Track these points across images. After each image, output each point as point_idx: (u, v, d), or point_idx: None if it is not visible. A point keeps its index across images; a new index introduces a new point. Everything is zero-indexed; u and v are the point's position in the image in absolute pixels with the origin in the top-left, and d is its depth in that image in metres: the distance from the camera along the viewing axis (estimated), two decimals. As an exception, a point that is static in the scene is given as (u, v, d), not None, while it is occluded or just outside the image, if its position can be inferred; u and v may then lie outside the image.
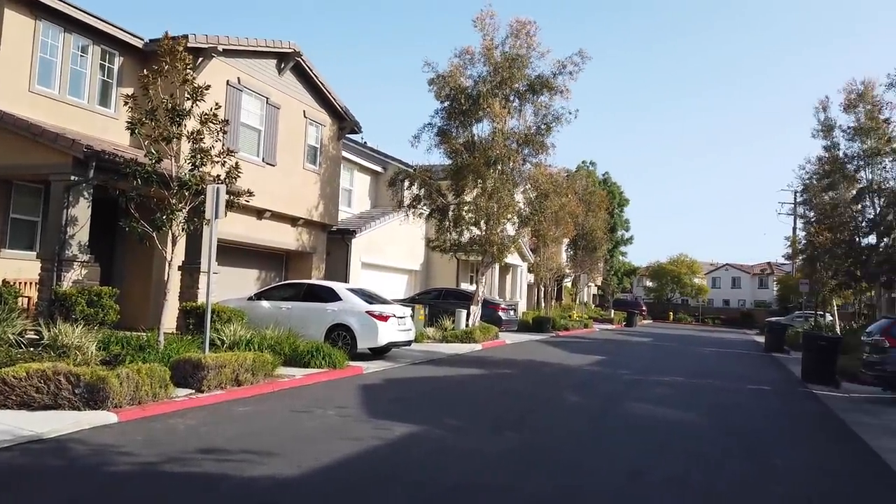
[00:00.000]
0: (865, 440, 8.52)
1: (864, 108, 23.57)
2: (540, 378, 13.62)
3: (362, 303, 13.93)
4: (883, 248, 22.97)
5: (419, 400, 10.04)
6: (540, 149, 20.79)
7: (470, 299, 21.87)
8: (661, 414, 9.96)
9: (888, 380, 11.82)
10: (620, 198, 57.90)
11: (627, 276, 66.15)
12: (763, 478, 6.47)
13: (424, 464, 6.19)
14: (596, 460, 6.78)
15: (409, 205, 21.26)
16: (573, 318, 33.75)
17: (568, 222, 31.12)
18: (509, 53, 20.20)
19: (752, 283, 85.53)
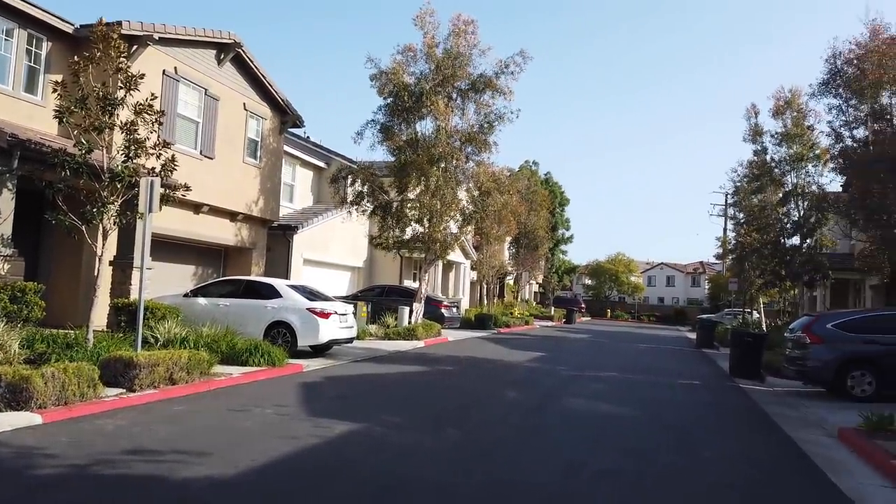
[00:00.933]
0: (786, 431, 8.98)
1: (790, 115, 24.73)
2: (481, 374, 13.76)
3: (303, 300, 13.75)
4: (806, 249, 24.18)
5: (360, 397, 10.00)
6: (483, 147, 20.96)
7: (413, 296, 21.88)
8: (597, 409, 10.22)
9: (808, 374, 12.44)
10: (562, 197, 58.95)
11: (568, 274, 67.46)
12: (692, 468, 6.74)
13: (364, 461, 6.18)
14: (534, 455, 6.91)
15: (353, 201, 21.10)
16: (515, 316, 34.22)
17: (510, 221, 31.52)
18: (451, 51, 20.29)
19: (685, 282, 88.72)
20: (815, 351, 12.07)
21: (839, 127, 17.67)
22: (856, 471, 6.88)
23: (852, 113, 17.28)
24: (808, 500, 5.96)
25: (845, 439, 8.29)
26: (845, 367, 11.68)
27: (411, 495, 5.31)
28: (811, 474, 6.75)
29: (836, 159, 19.25)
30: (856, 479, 6.53)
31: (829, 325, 12.39)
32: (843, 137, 17.65)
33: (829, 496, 5.97)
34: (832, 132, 18.15)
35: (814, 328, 12.46)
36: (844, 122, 17.49)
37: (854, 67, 16.78)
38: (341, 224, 23.41)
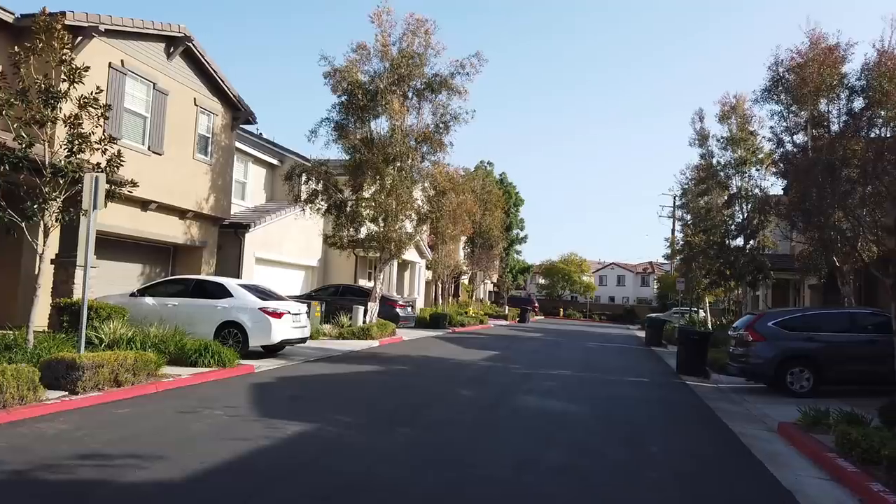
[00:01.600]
0: (729, 426, 9.31)
1: (735, 121, 25.58)
2: (435, 373, 13.81)
3: (255, 299, 13.55)
4: (749, 250, 25.04)
5: (313, 398, 9.92)
6: (438, 147, 21.02)
7: (368, 296, 21.79)
8: (548, 406, 10.39)
9: (751, 371, 12.90)
10: (516, 197, 59.49)
11: (522, 273, 68.15)
12: (639, 463, 6.93)
13: (316, 462, 6.15)
14: (486, 452, 6.99)
15: (307, 199, 20.88)
16: (469, 315, 34.41)
17: (466, 220, 31.72)
18: (407, 51, 20.28)
19: (635, 281, 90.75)
20: (756, 348, 12.53)
21: (781, 132, 18.38)
22: (793, 463, 7.19)
23: (793, 119, 17.99)
24: (748, 491, 6.19)
25: (784, 433, 8.64)
26: (785, 363, 12.16)
27: (364, 496, 5.31)
28: (752, 467, 7.01)
29: (777, 164, 20.00)
30: (793, 471, 6.81)
31: (770, 323, 12.87)
32: (784, 142, 18.36)
33: (768, 487, 6.21)
34: (774, 137, 18.86)
35: (756, 326, 12.93)
36: (785, 128, 18.20)
37: (795, 75, 17.45)
38: (295, 222, 23.12)
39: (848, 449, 6.92)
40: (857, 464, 6.57)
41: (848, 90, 16.51)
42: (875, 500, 5.61)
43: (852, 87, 16.36)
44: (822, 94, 16.82)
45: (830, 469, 6.73)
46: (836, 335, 12.29)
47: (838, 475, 6.50)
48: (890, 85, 14.85)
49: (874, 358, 11.03)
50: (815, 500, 5.77)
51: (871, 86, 15.42)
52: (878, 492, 5.66)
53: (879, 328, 11.76)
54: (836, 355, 11.97)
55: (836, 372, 12.01)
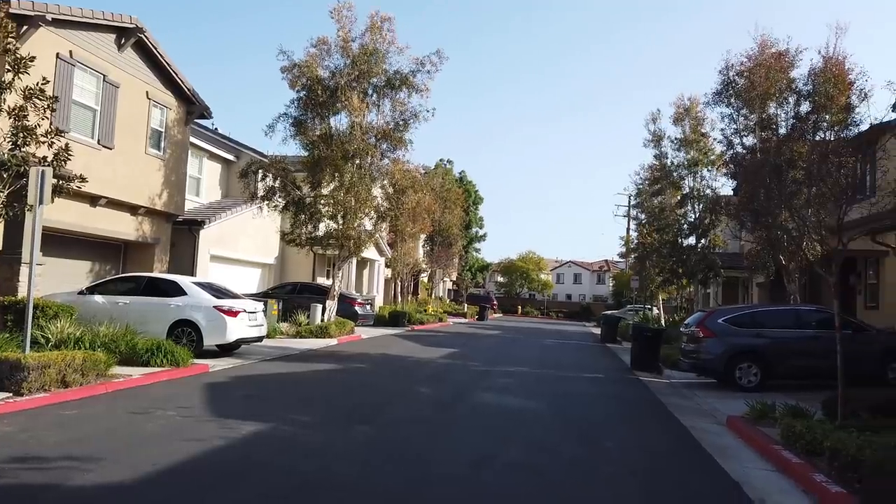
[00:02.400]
0: (681, 420, 9.55)
1: (688, 122, 26.21)
2: (394, 371, 13.79)
3: (210, 297, 13.30)
4: (700, 248, 25.71)
5: (269, 397, 9.80)
6: (398, 144, 20.96)
7: (326, 294, 21.61)
8: (506, 403, 10.49)
9: (702, 367, 13.26)
10: (475, 196, 59.79)
11: (481, 271, 68.53)
12: (595, 459, 7.05)
13: (272, 462, 6.08)
14: (445, 450, 7.02)
15: (264, 196, 20.57)
16: (428, 313, 34.45)
17: (425, 218, 31.76)
18: (368, 47, 20.16)
19: (591, 279, 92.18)
20: (707, 344, 12.88)
21: (731, 134, 18.83)
22: (741, 456, 7.41)
23: (742, 122, 18.45)
24: (698, 484, 6.36)
25: (733, 427, 8.91)
26: (734, 359, 12.53)
27: (322, 495, 5.27)
28: (702, 460, 7.21)
29: (727, 165, 20.53)
30: (741, 463, 7.03)
31: (720, 320, 13.25)
32: (734, 144, 18.83)
33: (717, 479, 6.40)
34: (725, 139, 19.32)
35: (706, 323, 13.29)
36: (735, 130, 18.66)
37: (745, 79, 17.93)
38: (252, 219, 22.75)
39: (793, 441, 7.18)
40: (801, 455, 6.81)
41: (795, 94, 17.03)
42: (817, 489, 5.83)
43: (799, 92, 16.88)
44: (770, 97, 17.31)
45: (776, 461, 6.97)
46: (783, 331, 12.72)
47: (783, 466, 6.73)
48: (834, 90, 15.42)
49: (818, 353, 11.42)
50: (761, 491, 5.96)
51: (816, 91, 15.97)
52: (821, 482, 5.89)
53: (823, 325, 12.20)
54: (782, 351, 12.39)
55: (783, 367, 12.43)
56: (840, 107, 15.03)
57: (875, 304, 18.48)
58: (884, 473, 4.99)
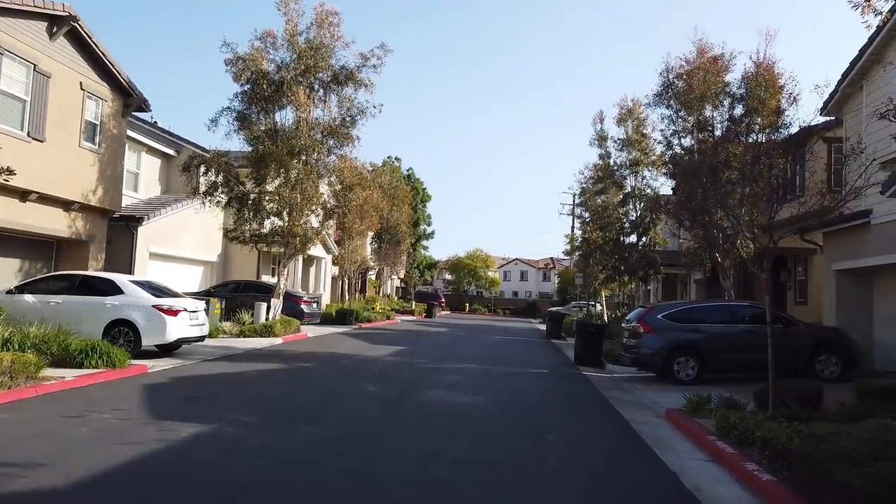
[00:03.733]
0: (621, 413, 9.82)
1: (631, 123, 26.88)
2: (340, 370, 13.68)
3: (148, 296, 12.91)
4: (641, 246, 26.43)
5: (211, 398, 9.58)
6: (345, 141, 20.74)
7: (271, 292, 21.24)
8: (453, 399, 10.55)
9: (642, 361, 13.65)
10: (424, 193, 59.85)
11: (429, 269, 68.64)
12: (540, 452, 7.18)
13: (214, 464, 5.95)
14: (391, 448, 7.01)
15: (206, 192, 20.05)
16: (376, 310, 34.28)
17: (373, 216, 31.59)
18: (314, 41, 19.89)
19: (537, 277, 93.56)
20: (647, 339, 13.26)
21: (670, 135, 19.45)
22: (679, 447, 7.67)
23: (681, 123, 19.08)
24: (638, 475, 6.55)
25: (671, 419, 9.21)
26: (673, 353, 12.94)
27: (265, 496, 5.19)
28: (641, 452, 7.43)
29: (667, 165, 21.19)
30: (678, 454, 7.28)
31: (660, 316, 13.66)
32: (673, 145, 19.47)
33: (656, 470, 6.61)
34: (664, 140, 19.95)
35: (646, 319, 13.68)
36: (674, 132, 19.29)
37: (683, 82, 18.54)
38: (193, 216, 22.15)
39: (727, 432, 7.47)
40: (734, 445, 7.10)
41: (730, 98, 17.71)
42: (749, 478, 6.09)
43: (734, 95, 17.56)
44: (707, 100, 17.95)
45: (711, 451, 7.24)
46: (718, 326, 13.21)
47: (718, 456, 7.00)
48: (766, 94, 16.10)
49: (751, 347, 11.88)
50: (696, 480, 6.19)
51: (749, 94, 16.64)
52: (753, 470, 6.15)
53: (756, 320, 12.73)
54: (717, 345, 12.87)
55: (718, 361, 12.91)
56: (771, 110, 15.71)
57: (804, 299, 19.40)
58: (810, 461, 5.24)
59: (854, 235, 14.20)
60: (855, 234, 14.16)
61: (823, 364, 12.75)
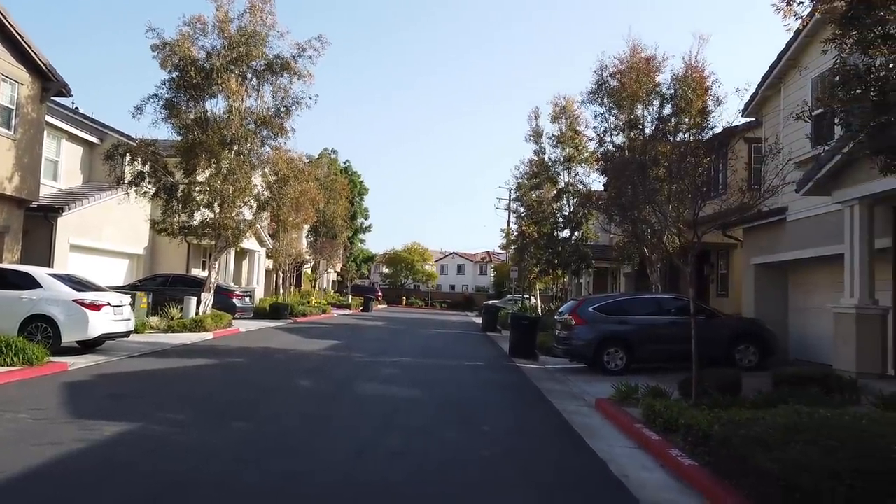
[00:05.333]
0: (553, 403, 10.06)
1: (565, 120, 27.40)
2: (273, 365, 13.45)
3: (69, 290, 12.32)
4: (574, 240, 27.05)
5: (137, 396, 9.24)
6: (279, 132, 20.33)
7: (201, 286, 20.63)
8: (389, 393, 10.54)
9: (574, 352, 14.01)
10: (361, 186, 59.33)
11: (366, 262, 68.17)
12: (473, 443, 7.27)
13: (140, 464, 5.75)
14: (325, 442, 6.96)
15: (131, 182, 19.26)
16: (312, 305, 33.81)
17: (309, 208, 31.10)
18: (246, 29, 19.36)
19: (474, 270, 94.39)
20: (578, 331, 13.62)
21: (602, 133, 19.95)
22: (607, 435, 7.92)
23: (613, 121, 19.60)
24: (569, 463, 6.73)
25: (601, 408, 9.50)
26: (603, 344, 13.34)
27: (193, 495, 5.06)
28: (572, 440, 7.64)
29: (599, 161, 21.74)
30: (607, 442, 7.52)
31: (591, 308, 14.05)
32: (605, 142, 19.98)
33: (586, 458, 6.81)
34: (597, 137, 20.44)
35: (578, 311, 14.05)
36: (606, 129, 19.80)
37: (617, 80, 19.04)
38: (118, 206, 21.24)
39: (652, 420, 7.77)
40: (660, 432, 7.38)
41: (660, 97, 18.32)
42: (673, 463, 6.36)
43: (663, 95, 18.17)
44: (638, 99, 18.50)
45: (638, 438, 7.51)
46: (645, 318, 13.70)
47: (644, 443, 7.27)
48: (693, 95, 16.74)
49: (676, 338, 12.37)
50: (624, 467, 6.41)
51: (678, 95, 17.27)
52: (676, 456, 6.42)
53: (681, 311, 13.27)
54: (645, 336, 13.34)
55: (645, 351, 13.39)
56: (697, 110, 16.35)
57: (725, 292, 20.33)
58: (729, 446, 5.51)
59: (771, 231, 14.98)
60: (772, 231, 14.94)
61: (742, 354, 13.40)
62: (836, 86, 6.26)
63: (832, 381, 9.04)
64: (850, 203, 10.99)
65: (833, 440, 4.86)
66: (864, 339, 10.61)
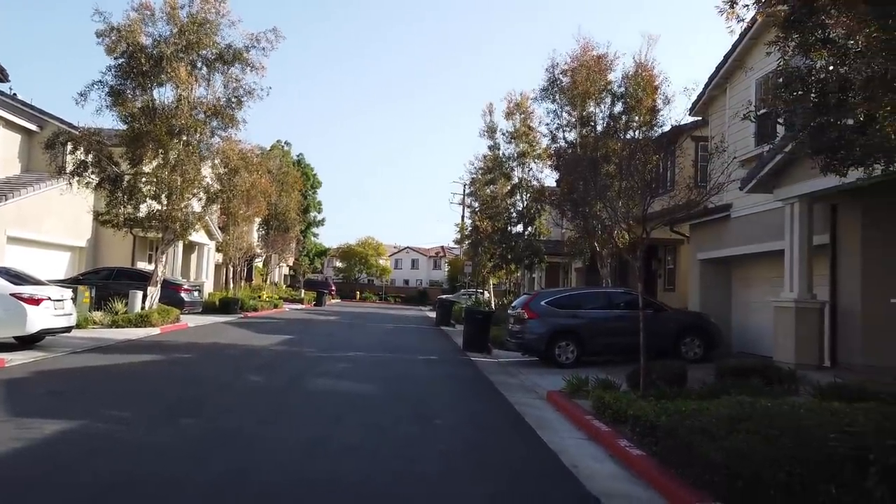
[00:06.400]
0: (506, 396, 10.16)
1: (519, 117, 27.59)
2: (223, 361, 13.18)
3: (5, 283, 11.81)
4: (527, 236, 27.32)
5: (79, 393, 8.93)
6: (230, 122, 19.86)
7: (147, 280, 20.04)
8: (341, 387, 10.47)
9: (526, 346, 14.17)
10: (314, 179, 58.58)
11: (319, 256, 67.41)
12: (427, 437, 7.28)
13: (83, 463, 5.57)
14: (275, 438, 6.85)
15: (73, 171, 18.53)
16: (263, 299, 33.26)
17: (260, 201, 30.56)
18: (197, 17, 18.84)
19: (428, 265, 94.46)
20: (531, 325, 13.78)
21: (555, 129, 20.15)
22: (559, 427, 8.05)
23: (566, 118, 19.84)
24: (521, 455, 6.80)
25: (552, 401, 9.64)
26: (555, 338, 13.54)
27: (138, 494, 4.92)
28: (524, 433, 7.73)
29: (552, 158, 21.99)
30: (558, 433, 7.64)
31: (543, 302, 14.23)
32: (558, 139, 20.19)
33: (538, 450, 6.91)
34: (550, 133, 20.65)
35: (531, 305, 14.21)
36: (558, 126, 20.02)
37: (568, 78, 19.27)
38: (59, 197, 20.43)
39: (602, 411, 7.93)
40: (609, 424, 7.54)
41: (611, 95, 18.62)
42: (621, 453, 6.51)
43: (614, 93, 18.49)
44: (590, 97, 18.77)
45: (588, 429, 7.66)
46: (596, 312, 13.96)
47: (594, 434, 7.42)
48: (643, 94, 17.08)
49: (625, 331, 12.64)
50: (575, 458, 6.52)
51: (628, 93, 17.59)
52: (625, 446, 6.57)
53: (629, 305, 13.55)
54: (595, 330, 13.59)
55: (596, 344, 13.64)
56: (647, 109, 16.69)
57: (672, 286, 20.87)
58: (676, 436, 5.67)
59: (716, 228, 15.44)
60: (717, 227, 15.40)
61: (688, 346, 13.79)
62: (779, 87, 6.47)
63: (773, 373, 9.39)
64: (791, 201, 11.41)
65: (773, 429, 5.05)
66: (802, 331, 11.06)
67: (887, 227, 10.76)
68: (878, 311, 10.36)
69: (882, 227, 10.81)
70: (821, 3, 5.66)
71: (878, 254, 10.79)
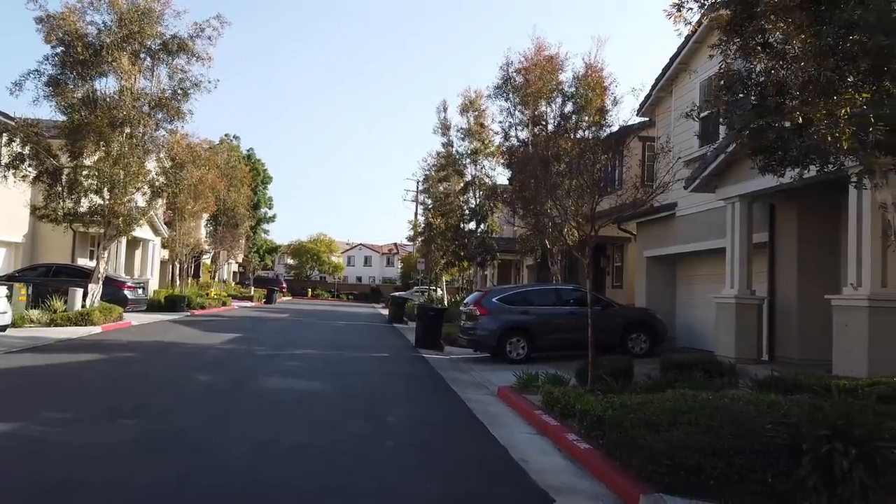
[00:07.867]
0: (457, 392, 10.21)
1: (472, 114, 27.74)
2: (167, 360, 12.84)
3: (-66, 281, 11.22)
4: (480, 233, 27.52)
5: (14, 394, 8.57)
6: (176, 115, 19.33)
7: (88, 277, 19.36)
8: (291, 386, 10.33)
9: (478, 342, 14.27)
10: (264, 175, 57.59)
11: (270, 253, 66.31)
12: (377, 434, 7.25)
13: (17, 465, 5.34)
14: (222, 438, 6.71)
15: (9, 164, 17.75)
16: (211, 297, 32.51)
17: (208, 196, 29.93)
18: (139, 5, 18.27)
19: (381, 262, 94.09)
20: (482, 322, 13.88)
21: (508, 127, 20.31)
22: (509, 422, 8.13)
23: (518, 116, 20.02)
24: (472, 450, 6.83)
25: (503, 396, 9.73)
26: (506, 334, 13.68)
27: (78, 498, 4.75)
28: (475, 429, 7.78)
29: (504, 155, 22.15)
30: (508, 429, 7.72)
31: (494, 299, 14.35)
32: (510, 137, 20.35)
33: (488, 445, 6.96)
34: (502, 131, 20.80)
35: (482, 302, 14.31)
36: (511, 124, 20.18)
37: (522, 77, 19.45)
38: (-8, 191, 19.53)
39: (551, 406, 8.04)
40: (557, 418, 7.65)
41: (562, 95, 18.86)
42: (569, 447, 6.61)
43: (565, 93, 18.72)
44: (542, 96, 18.98)
45: (538, 424, 7.76)
46: (546, 308, 14.16)
47: (543, 429, 7.52)
48: (593, 94, 17.37)
49: (574, 327, 12.87)
50: (524, 452, 6.60)
51: (579, 93, 17.86)
52: (573, 440, 6.68)
53: (579, 302, 13.80)
54: (545, 326, 13.79)
55: (546, 340, 13.83)
56: (596, 109, 16.98)
57: (620, 283, 21.33)
58: (621, 429, 5.79)
59: (662, 226, 15.85)
60: (663, 225, 15.81)
61: (634, 342, 14.12)
62: (721, 89, 6.68)
63: (714, 367, 9.70)
64: (732, 200, 11.80)
65: (714, 421, 5.22)
66: (742, 327, 11.46)
67: (822, 225, 11.25)
68: (813, 307, 10.81)
69: (817, 225, 11.30)
70: (761, 8, 5.87)
71: (814, 252, 11.27)
